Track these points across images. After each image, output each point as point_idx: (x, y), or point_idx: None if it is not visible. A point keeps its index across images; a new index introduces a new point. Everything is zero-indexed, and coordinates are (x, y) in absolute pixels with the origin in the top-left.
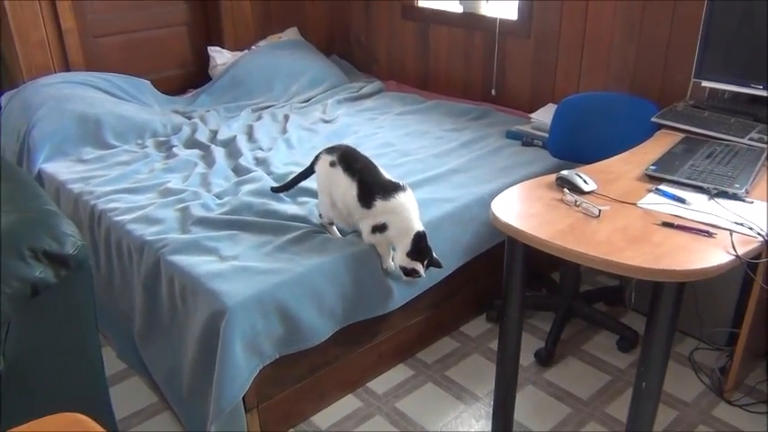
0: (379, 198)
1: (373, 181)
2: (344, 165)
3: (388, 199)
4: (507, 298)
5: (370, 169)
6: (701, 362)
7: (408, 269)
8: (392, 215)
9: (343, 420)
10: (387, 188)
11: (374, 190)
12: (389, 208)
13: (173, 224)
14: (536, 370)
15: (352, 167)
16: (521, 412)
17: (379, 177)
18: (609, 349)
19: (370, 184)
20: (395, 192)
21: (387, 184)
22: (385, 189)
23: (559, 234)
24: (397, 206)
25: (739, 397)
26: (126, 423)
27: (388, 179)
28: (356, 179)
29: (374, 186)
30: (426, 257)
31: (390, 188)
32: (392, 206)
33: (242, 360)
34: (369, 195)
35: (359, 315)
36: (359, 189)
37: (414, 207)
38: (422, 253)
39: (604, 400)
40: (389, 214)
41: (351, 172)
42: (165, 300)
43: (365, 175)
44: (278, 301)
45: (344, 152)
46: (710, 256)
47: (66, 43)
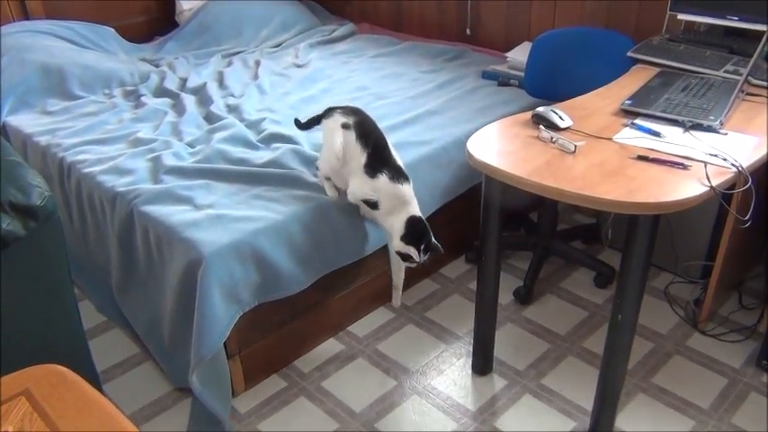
0: (384, 175)
1: (383, 159)
2: (359, 132)
3: (392, 181)
4: (485, 237)
5: (384, 146)
6: (676, 295)
7: (403, 254)
8: (388, 197)
9: (326, 364)
10: (394, 171)
11: (382, 166)
12: (389, 189)
13: (144, 174)
14: (515, 308)
15: (367, 137)
16: (500, 349)
17: (389, 158)
18: (586, 286)
19: (380, 160)
20: (399, 178)
21: (395, 168)
22: (392, 171)
23: (536, 171)
24: (397, 192)
25: (713, 327)
26: (108, 374)
27: (398, 164)
28: (368, 150)
29: (383, 164)
30: (423, 242)
31: (397, 173)
32: (393, 190)
33: (221, 308)
34: (376, 168)
35: (337, 262)
36: (368, 159)
37: (412, 198)
38: (417, 238)
39: (582, 335)
40: (386, 195)
41: (364, 141)
42: (140, 251)
43: (378, 150)
44: (255, 248)
45: (361, 120)
46: (685, 188)
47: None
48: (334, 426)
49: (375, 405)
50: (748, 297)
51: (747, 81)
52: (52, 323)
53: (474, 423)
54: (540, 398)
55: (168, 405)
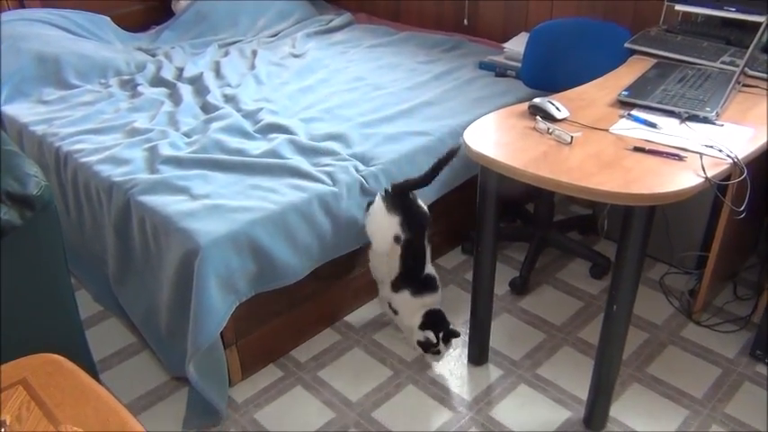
0: (406, 290)
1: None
2: (405, 249)
3: (413, 296)
4: (481, 227)
5: (416, 255)
6: (671, 286)
7: (423, 342)
8: (408, 308)
9: (322, 354)
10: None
11: (408, 282)
12: (409, 303)
13: (141, 164)
14: (511, 299)
15: (407, 255)
16: (496, 339)
17: (417, 268)
18: (582, 276)
19: (409, 276)
20: (423, 292)
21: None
22: (417, 285)
23: (532, 162)
24: (417, 304)
25: (707, 318)
26: (105, 363)
27: (425, 274)
28: (401, 270)
29: (410, 279)
30: (441, 328)
31: (422, 286)
32: (413, 304)
33: (217, 298)
34: (399, 285)
35: (334, 252)
36: (398, 276)
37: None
38: (434, 323)
39: (577, 325)
40: (406, 307)
41: (403, 260)
42: (137, 241)
43: (407, 264)
44: (252, 239)
45: (409, 236)
46: (681, 179)
47: None
48: (331, 415)
49: (371, 395)
50: (743, 288)
51: (744, 72)
52: (49, 313)
53: (469, 412)
54: (535, 387)
55: (165, 394)
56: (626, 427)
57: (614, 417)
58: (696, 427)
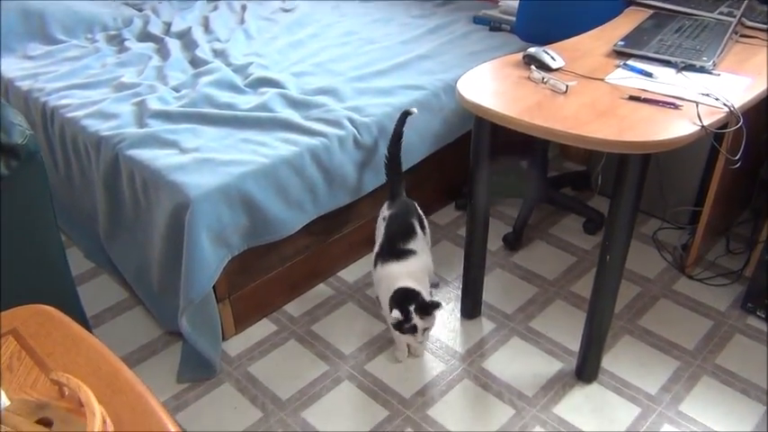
0: (379, 263)
1: (389, 244)
2: (386, 224)
3: (383, 264)
4: (474, 179)
5: (394, 235)
6: (664, 241)
7: (395, 324)
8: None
9: (315, 309)
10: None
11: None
12: (380, 275)
13: (129, 119)
14: (504, 254)
15: (387, 228)
16: (489, 294)
17: (394, 240)
18: (575, 232)
19: (385, 245)
20: (391, 257)
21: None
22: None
23: (526, 110)
24: (384, 274)
25: (699, 272)
26: (98, 319)
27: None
28: (380, 241)
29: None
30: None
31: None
32: (382, 273)
33: (209, 251)
34: (376, 258)
35: (327, 207)
36: (377, 249)
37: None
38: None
39: (570, 280)
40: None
41: (385, 232)
42: (126, 196)
43: (389, 238)
44: (243, 192)
45: (393, 212)
46: (676, 127)
47: None
48: (324, 368)
49: (364, 348)
50: (735, 242)
51: (741, 22)
52: (38, 265)
53: (462, 364)
54: (527, 340)
55: (159, 349)
56: (617, 378)
57: (606, 368)
58: (687, 377)
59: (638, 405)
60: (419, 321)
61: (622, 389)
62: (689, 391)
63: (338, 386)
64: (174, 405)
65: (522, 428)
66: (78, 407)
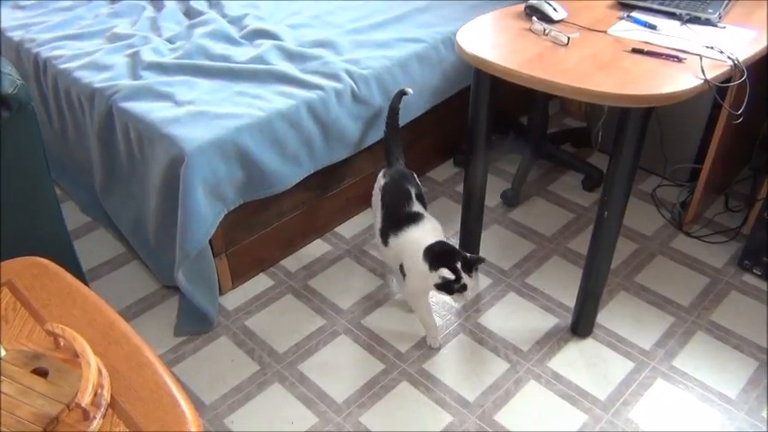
0: (392, 235)
1: (392, 216)
2: (382, 195)
3: (397, 234)
4: (473, 133)
5: (396, 203)
6: (664, 198)
7: (441, 284)
8: (404, 253)
9: (312, 263)
10: (400, 221)
11: (389, 226)
12: (400, 245)
13: (123, 70)
14: (502, 210)
15: (384, 199)
16: (486, 250)
17: (399, 211)
18: (574, 189)
19: (388, 218)
20: (406, 225)
21: (402, 217)
22: (398, 222)
23: (527, 63)
24: (405, 242)
25: (697, 229)
26: (95, 273)
27: (408, 211)
28: (381, 214)
29: (391, 219)
30: (455, 260)
31: (404, 221)
32: (401, 242)
33: (205, 205)
34: (385, 232)
35: (324, 161)
36: (381, 224)
37: (425, 235)
38: (444, 257)
39: (567, 236)
40: (402, 254)
41: (382, 204)
42: (121, 149)
43: (388, 210)
44: (238, 146)
45: (389, 181)
46: (679, 80)
47: None
48: (321, 322)
49: (361, 303)
50: (734, 200)
51: None
52: (33, 217)
53: (458, 319)
54: (523, 296)
55: (156, 302)
56: (612, 333)
57: (601, 323)
58: (681, 333)
59: (632, 360)
60: (468, 279)
61: (617, 344)
62: (683, 346)
63: (335, 340)
64: (172, 358)
65: (517, 382)
66: (73, 357)
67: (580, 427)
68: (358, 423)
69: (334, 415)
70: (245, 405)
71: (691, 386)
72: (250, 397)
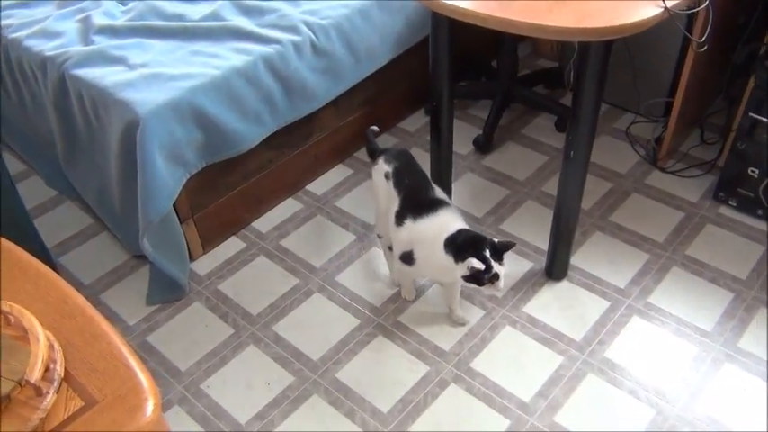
0: (409, 218)
1: (414, 198)
2: (396, 179)
3: (416, 220)
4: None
5: (418, 187)
6: (638, 135)
7: (469, 276)
8: (419, 241)
9: (284, 223)
10: (421, 207)
11: (409, 207)
12: (416, 232)
13: (74, 36)
14: (475, 157)
15: (401, 183)
16: (459, 199)
17: (421, 194)
18: (547, 131)
19: (409, 201)
20: (427, 212)
21: (424, 202)
22: (419, 208)
23: (483, 2)
24: (422, 230)
25: (672, 164)
26: (63, 247)
27: (430, 197)
28: (401, 196)
29: (411, 203)
30: (482, 248)
31: (425, 207)
32: (419, 230)
33: (165, 170)
34: (403, 214)
35: (287, 117)
36: (399, 207)
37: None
38: (469, 245)
39: (541, 179)
40: (416, 239)
41: (399, 188)
42: (78, 118)
43: (410, 192)
44: (195, 107)
45: (399, 165)
46: (638, 11)
47: None
48: (295, 281)
49: (335, 259)
50: (710, 132)
51: None
52: None
53: None
54: None
55: (126, 273)
56: (587, 274)
57: (575, 265)
58: (657, 269)
59: (607, 299)
60: (499, 267)
61: (592, 284)
62: (658, 282)
63: (309, 298)
64: (145, 327)
65: (493, 328)
66: (24, 334)
67: (556, 369)
68: (335, 380)
69: (310, 373)
70: (221, 369)
71: (666, 321)
72: (226, 360)
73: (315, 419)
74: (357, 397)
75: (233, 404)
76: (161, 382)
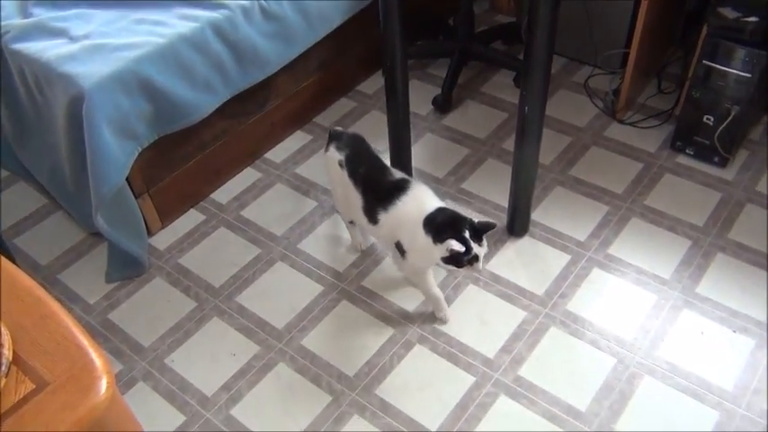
0: (381, 211)
1: (376, 188)
2: (350, 169)
3: (388, 209)
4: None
5: (375, 173)
6: (596, 87)
7: (448, 258)
8: (399, 228)
9: (244, 193)
10: (388, 193)
11: (375, 200)
12: (395, 220)
13: (10, 9)
14: (435, 118)
15: (356, 173)
16: (419, 160)
17: (381, 182)
18: (506, 87)
19: (372, 192)
20: (395, 196)
21: (387, 188)
22: (385, 196)
23: None
24: (398, 216)
25: (630, 115)
26: (18, 228)
27: (392, 179)
28: (360, 189)
29: (375, 195)
30: (461, 228)
31: (391, 191)
32: (394, 217)
33: (114, 144)
34: (372, 208)
35: (240, 85)
36: (363, 201)
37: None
38: (447, 226)
39: (501, 137)
40: (396, 227)
41: (356, 179)
42: (22, 95)
43: (368, 183)
44: (141, 77)
45: (351, 152)
46: None
47: None
48: (257, 251)
49: (296, 227)
50: (667, 82)
51: None
52: None
53: None
54: (459, 201)
55: (84, 251)
56: (548, 229)
57: (537, 220)
58: (616, 221)
59: (568, 253)
60: (479, 249)
61: (553, 239)
62: (617, 234)
63: (272, 267)
64: (106, 305)
65: (456, 288)
66: None
67: (519, 324)
68: (300, 347)
69: (275, 342)
70: (185, 343)
71: (626, 272)
72: (189, 334)
73: (281, 387)
74: (323, 363)
75: (198, 377)
76: (125, 359)
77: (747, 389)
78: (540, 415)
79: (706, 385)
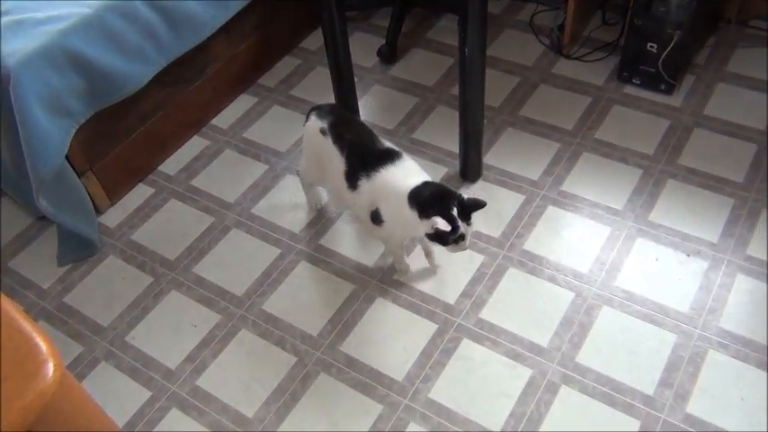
0: (363, 177)
1: (361, 154)
2: (335, 135)
3: (371, 176)
4: None
5: (362, 140)
6: (541, 24)
7: (434, 234)
8: (380, 197)
9: (192, 162)
10: (373, 160)
11: (359, 166)
12: (376, 188)
13: None
14: (381, 69)
15: (342, 139)
16: (368, 113)
17: (368, 149)
18: (452, 32)
19: (357, 158)
20: (381, 164)
21: (374, 156)
22: (370, 163)
23: None
24: (382, 184)
25: (576, 50)
26: None
27: (380, 148)
28: (345, 154)
29: (361, 161)
30: (449, 203)
31: (377, 159)
32: (377, 185)
33: (48, 123)
34: (354, 174)
35: (175, 51)
36: (346, 166)
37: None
38: (435, 201)
39: (450, 83)
40: (377, 196)
41: (340, 145)
42: None
43: (354, 148)
44: (69, 51)
45: (336, 119)
46: None
47: None
48: (210, 220)
49: (248, 192)
50: (611, 13)
51: None
52: None
53: None
54: (411, 152)
55: (33, 236)
56: (501, 171)
57: (490, 164)
58: (568, 157)
59: (522, 193)
60: (465, 228)
61: (507, 181)
62: (570, 170)
63: (227, 235)
64: (61, 288)
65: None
66: None
67: (478, 268)
68: (262, 312)
69: (236, 309)
70: (145, 319)
71: (580, 206)
72: (148, 310)
73: (246, 353)
74: (285, 325)
75: (161, 351)
76: (84, 341)
77: (703, 309)
78: (503, 354)
79: (663, 310)
